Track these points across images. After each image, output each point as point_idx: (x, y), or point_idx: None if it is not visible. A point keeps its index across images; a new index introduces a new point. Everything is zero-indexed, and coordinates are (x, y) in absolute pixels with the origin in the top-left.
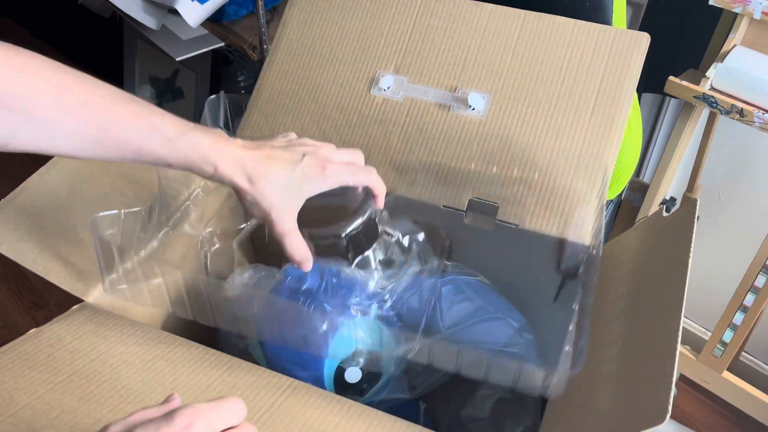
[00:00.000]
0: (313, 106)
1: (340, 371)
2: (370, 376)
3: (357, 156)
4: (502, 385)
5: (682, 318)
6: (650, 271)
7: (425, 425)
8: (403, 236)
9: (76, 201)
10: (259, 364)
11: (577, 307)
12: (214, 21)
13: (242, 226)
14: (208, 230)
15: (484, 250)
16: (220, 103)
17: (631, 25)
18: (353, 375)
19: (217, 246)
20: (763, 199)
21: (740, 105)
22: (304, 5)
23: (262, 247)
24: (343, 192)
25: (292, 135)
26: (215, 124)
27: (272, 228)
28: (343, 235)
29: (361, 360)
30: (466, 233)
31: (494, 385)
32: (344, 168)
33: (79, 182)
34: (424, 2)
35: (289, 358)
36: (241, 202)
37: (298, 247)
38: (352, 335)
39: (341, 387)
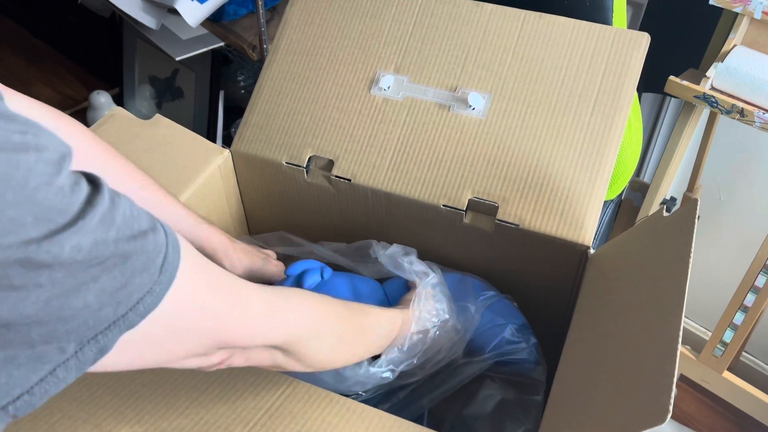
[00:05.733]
0: (314, 105)
1: None
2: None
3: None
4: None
5: (683, 318)
6: (651, 270)
7: (428, 424)
8: None
9: None
10: None
11: None
12: (214, 21)
13: None
14: None
15: (484, 250)
16: None
17: (631, 25)
18: None
19: None
20: (763, 199)
21: (741, 105)
22: (304, 5)
23: None
24: None
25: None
26: None
27: None
28: None
29: None
30: (466, 233)
31: (497, 386)
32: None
33: None
34: (424, 2)
35: None
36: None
37: None
38: None
39: None
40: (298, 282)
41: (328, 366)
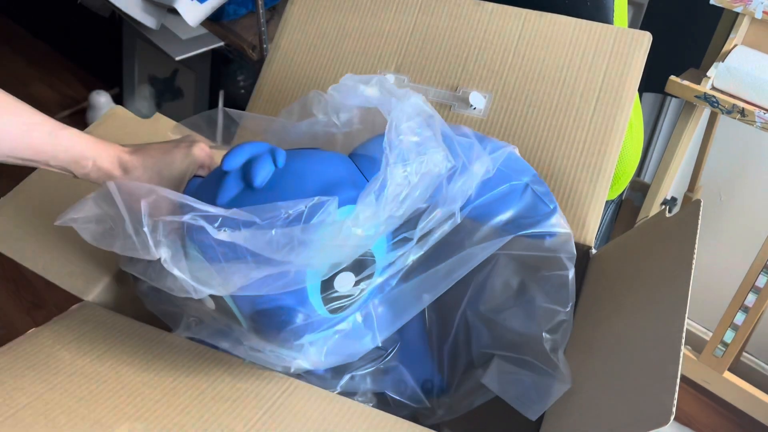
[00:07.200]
0: None
1: (327, 282)
2: (364, 279)
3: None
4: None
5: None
6: (653, 271)
7: (431, 324)
8: None
9: (76, 200)
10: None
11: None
12: (214, 20)
13: None
14: None
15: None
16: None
17: (631, 25)
18: (345, 281)
19: None
20: (764, 199)
21: (741, 105)
22: (304, 4)
23: None
24: None
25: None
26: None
27: None
28: None
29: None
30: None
31: (512, 269)
32: (206, 150)
33: (79, 181)
34: (424, 1)
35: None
36: None
37: None
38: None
39: (329, 300)
40: (245, 177)
41: None
